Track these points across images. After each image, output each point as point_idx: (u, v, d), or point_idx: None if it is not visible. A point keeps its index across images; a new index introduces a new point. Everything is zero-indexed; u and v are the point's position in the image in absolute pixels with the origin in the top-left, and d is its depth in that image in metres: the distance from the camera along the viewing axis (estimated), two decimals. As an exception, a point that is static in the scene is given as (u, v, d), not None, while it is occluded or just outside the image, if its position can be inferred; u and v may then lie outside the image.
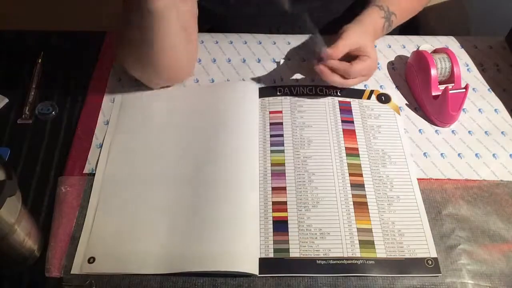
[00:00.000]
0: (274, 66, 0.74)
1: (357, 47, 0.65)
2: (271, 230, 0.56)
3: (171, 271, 0.53)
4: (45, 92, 0.70)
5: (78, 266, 0.53)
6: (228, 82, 0.72)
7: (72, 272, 0.53)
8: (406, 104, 0.70)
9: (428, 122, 0.68)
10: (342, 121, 0.67)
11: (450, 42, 0.79)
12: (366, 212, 0.58)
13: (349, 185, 0.60)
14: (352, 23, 0.67)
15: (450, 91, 0.64)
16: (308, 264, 0.54)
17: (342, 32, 0.65)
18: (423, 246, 0.56)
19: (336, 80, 0.65)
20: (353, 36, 0.64)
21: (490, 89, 0.73)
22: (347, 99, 0.69)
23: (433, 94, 0.67)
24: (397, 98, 0.71)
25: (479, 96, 0.71)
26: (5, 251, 0.50)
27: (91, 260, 0.53)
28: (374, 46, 0.68)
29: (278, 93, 0.70)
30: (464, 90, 0.66)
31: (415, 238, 0.56)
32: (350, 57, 0.65)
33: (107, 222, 0.57)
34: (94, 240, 0.55)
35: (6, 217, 0.47)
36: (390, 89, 0.72)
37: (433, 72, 0.66)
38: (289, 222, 0.57)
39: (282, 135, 0.65)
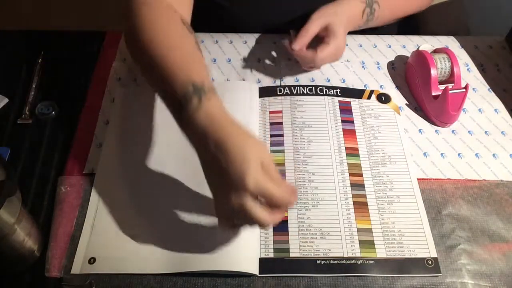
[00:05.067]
0: (274, 66, 0.74)
1: (326, 24, 0.66)
2: (271, 230, 0.56)
3: (171, 271, 0.53)
4: (45, 92, 0.70)
5: (78, 266, 0.53)
6: (228, 82, 0.72)
7: (72, 272, 0.53)
8: (406, 104, 0.70)
9: (428, 122, 0.68)
10: (342, 121, 0.67)
11: (450, 42, 0.79)
12: (366, 212, 0.58)
13: (349, 185, 0.60)
14: (329, 4, 0.68)
15: (450, 91, 0.64)
16: (308, 264, 0.54)
17: (315, 12, 0.67)
18: (423, 246, 0.56)
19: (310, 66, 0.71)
20: (322, 15, 0.66)
21: (490, 89, 0.73)
22: (347, 99, 0.69)
23: (433, 94, 0.67)
24: (397, 98, 0.71)
25: (479, 96, 0.71)
26: (5, 251, 0.50)
27: (92, 260, 0.53)
28: (345, 27, 0.68)
29: (278, 93, 0.70)
30: (464, 90, 0.66)
31: (415, 238, 0.56)
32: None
33: (107, 222, 0.57)
34: (94, 240, 0.55)
35: (6, 217, 0.47)
36: (390, 89, 0.72)
37: (433, 72, 0.66)
38: (289, 222, 0.57)
39: (282, 135, 0.65)
